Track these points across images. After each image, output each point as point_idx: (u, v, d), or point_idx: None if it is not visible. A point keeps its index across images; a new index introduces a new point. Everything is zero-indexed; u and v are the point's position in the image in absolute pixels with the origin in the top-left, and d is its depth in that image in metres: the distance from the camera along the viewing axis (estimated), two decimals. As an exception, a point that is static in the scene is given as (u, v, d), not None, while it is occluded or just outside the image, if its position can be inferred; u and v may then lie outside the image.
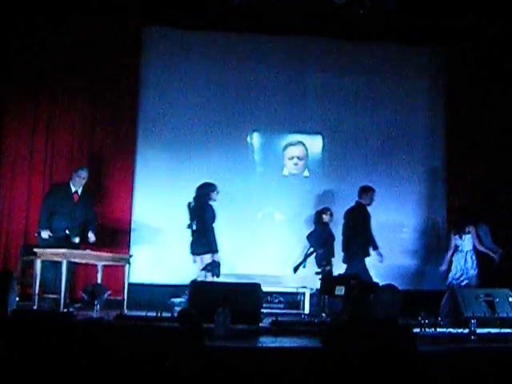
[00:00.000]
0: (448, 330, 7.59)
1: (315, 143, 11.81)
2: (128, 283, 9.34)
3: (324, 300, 9.32)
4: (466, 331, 7.25)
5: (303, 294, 10.02)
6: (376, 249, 10.10)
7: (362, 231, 10.01)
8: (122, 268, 9.40)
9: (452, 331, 7.54)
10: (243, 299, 7.79)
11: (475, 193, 11.28)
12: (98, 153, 10.97)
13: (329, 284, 9.21)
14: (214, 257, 9.20)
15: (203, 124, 11.41)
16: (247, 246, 11.08)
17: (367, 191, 10.19)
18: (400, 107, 11.90)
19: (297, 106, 11.63)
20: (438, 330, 7.54)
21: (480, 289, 9.14)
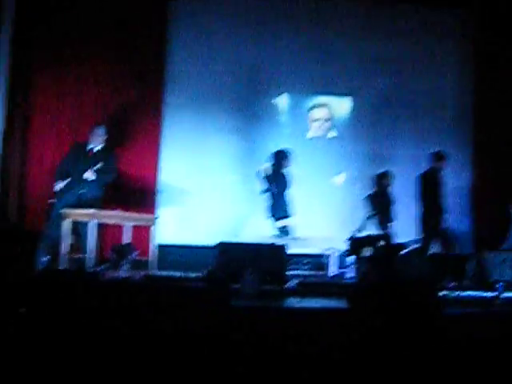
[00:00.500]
0: (474, 294, 7.57)
1: (343, 105, 11.72)
2: (155, 244, 9.38)
3: (351, 261, 9.37)
4: (493, 294, 7.24)
5: (330, 256, 10.02)
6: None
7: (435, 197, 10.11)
8: (149, 229, 9.43)
9: (478, 294, 7.53)
10: (271, 260, 7.82)
11: (505, 158, 11.18)
12: (125, 113, 10.93)
13: (356, 245, 9.23)
14: (288, 221, 9.68)
15: (230, 85, 11.34)
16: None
17: (441, 157, 10.26)
18: (428, 70, 11.74)
19: (323, 68, 11.48)
20: (464, 293, 7.52)
21: (507, 252, 9.09)
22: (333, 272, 9.72)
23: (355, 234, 9.57)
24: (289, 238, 9.47)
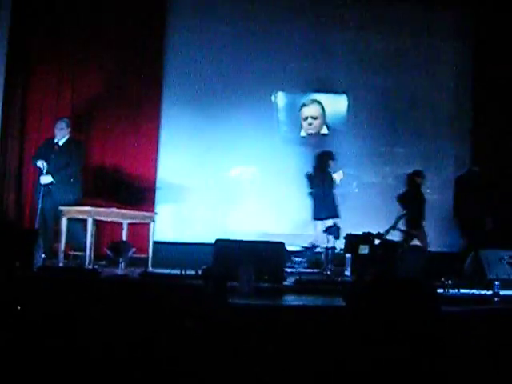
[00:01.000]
0: (471, 292, 7.58)
1: (339, 102, 11.71)
2: (153, 241, 9.38)
3: (348, 259, 9.39)
4: (490, 293, 7.24)
5: (327, 254, 10.02)
6: None
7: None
8: (147, 226, 9.43)
9: (475, 293, 7.54)
10: (267, 258, 7.82)
11: (503, 155, 11.19)
12: (123, 110, 10.96)
13: (353, 243, 9.24)
14: (335, 221, 9.67)
15: (228, 83, 11.37)
16: (271, 205, 11.08)
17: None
18: (426, 68, 11.79)
19: (321, 66, 11.53)
20: (462, 291, 7.53)
21: (504, 250, 9.09)
22: (330, 270, 9.72)
23: (386, 234, 9.62)
24: (337, 237, 9.51)
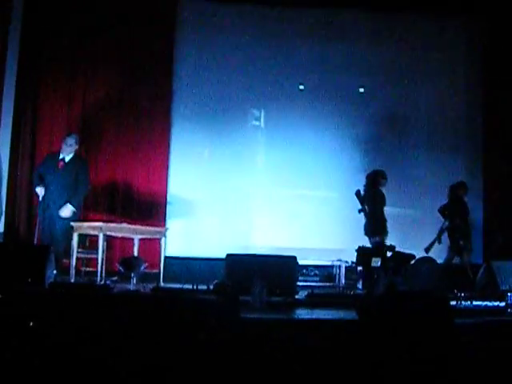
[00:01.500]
0: (484, 303, 7.54)
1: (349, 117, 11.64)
2: (164, 256, 9.37)
3: (360, 272, 9.38)
4: (503, 304, 7.21)
5: (339, 267, 10.01)
6: None
7: None
8: (158, 241, 9.42)
9: (488, 304, 7.49)
10: (279, 272, 7.80)
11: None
12: (133, 125, 10.98)
13: (365, 256, 9.22)
14: (380, 238, 9.65)
15: (237, 96, 11.38)
16: (283, 219, 11.07)
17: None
18: (436, 79, 11.74)
19: (331, 78, 11.51)
20: (475, 303, 7.49)
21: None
22: (342, 283, 9.71)
23: (430, 248, 9.66)
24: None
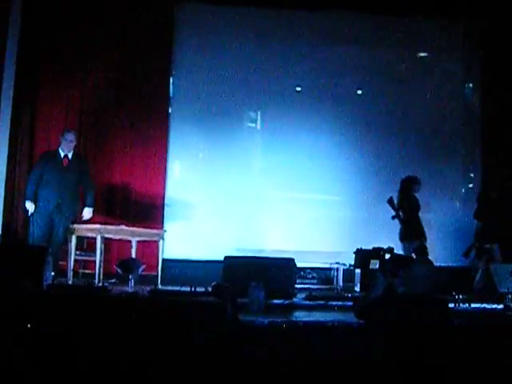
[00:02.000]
0: (483, 306, 7.55)
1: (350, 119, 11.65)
2: (162, 258, 9.36)
3: (358, 274, 9.38)
4: (501, 307, 7.22)
5: (337, 270, 10.00)
6: None
7: None
8: (156, 243, 9.41)
9: (487, 307, 7.51)
10: (278, 274, 7.80)
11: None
12: (131, 127, 10.94)
13: (363, 258, 9.22)
14: (421, 242, 9.79)
15: (236, 97, 11.33)
16: (281, 222, 11.06)
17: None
18: (434, 83, 11.73)
19: (331, 81, 11.49)
20: (473, 306, 7.50)
21: (514, 264, 9.06)
22: (340, 285, 9.71)
23: (469, 252, 9.81)
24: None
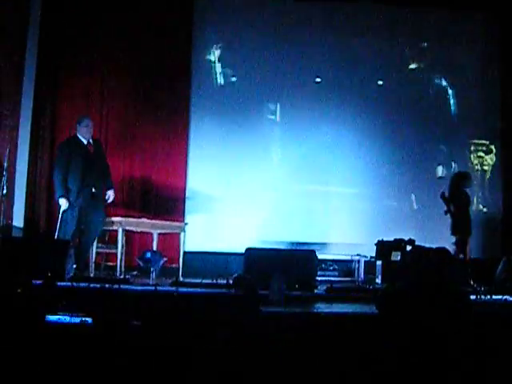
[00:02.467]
0: (504, 297, 7.52)
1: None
2: (183, 251, 9.39)
3: (379, 266, 9.38)
4: (522, 299, 7.20)
5: (358, 262, 10.00)
6: None
7: None
8: (178, 236, 9.44)
9: (508, 298, 7.47)
10: (299, 266, 7.81)
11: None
12: (152, 121, 10.99)
13: (384, 250, 9.21)
14: (462, 237, 9.82)
15: (256, 89, 11.35)
16: (302, 214, 11.07)
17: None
18: (453, 73, 11.70)
19: (349, 73, 11.47)
20: (494, 297, 7.47)
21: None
22: (361, 277, 9.71)
23: None
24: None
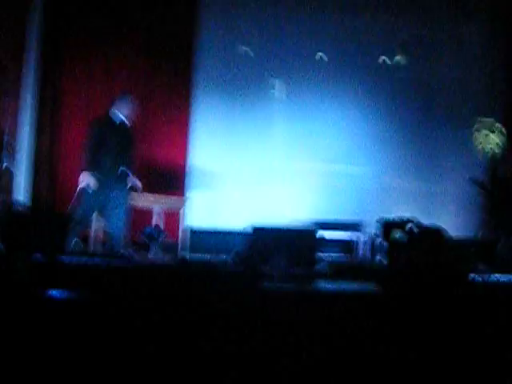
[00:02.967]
0: (504, 277, 7.53)
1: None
2: (184, 227, 9.40)
3: (380, 244, 9.39)
4: (524, 277, 7.21)
5: (359, 239, 10.01)
6: None
7: None
8: (179, 212, 9.45)
9: (508, 278, 7.48)
10: (300, 243, 7.81)
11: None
12: (154, 96, 10.98)
13: (385, 227, 9.21)
14: None
15: (259, 65, 11.36)
16: (304, 191, 11.09)
17: None
18: (460, 55, 11.65)
19: (354, 53, 11.45)
20: (494, 277, 7.48)
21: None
22: (362, 255, 9.72)
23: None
24: None
